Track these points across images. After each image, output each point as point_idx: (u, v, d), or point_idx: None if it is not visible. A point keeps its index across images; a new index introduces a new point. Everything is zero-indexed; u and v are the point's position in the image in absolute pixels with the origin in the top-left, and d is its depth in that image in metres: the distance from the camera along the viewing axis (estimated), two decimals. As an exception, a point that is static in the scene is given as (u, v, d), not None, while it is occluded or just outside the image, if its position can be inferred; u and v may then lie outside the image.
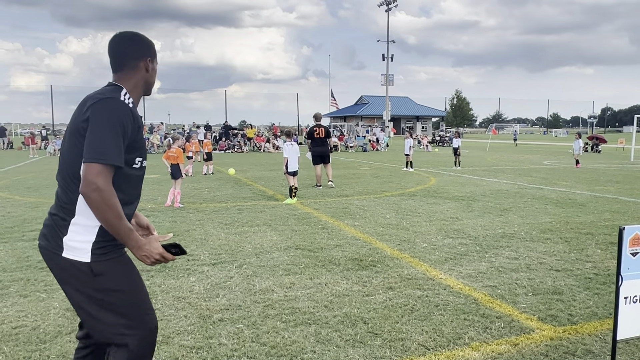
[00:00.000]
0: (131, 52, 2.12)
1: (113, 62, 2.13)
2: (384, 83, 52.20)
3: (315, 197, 10.26)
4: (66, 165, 2.03)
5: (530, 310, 3.93)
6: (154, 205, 9.06)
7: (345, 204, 9.26)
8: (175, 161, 9.06)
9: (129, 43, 2.13)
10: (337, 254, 5.63)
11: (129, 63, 2.11)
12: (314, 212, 8.44)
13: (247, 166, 18.74)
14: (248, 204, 9.31)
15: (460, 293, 4.31)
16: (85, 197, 1.89)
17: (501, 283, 4.58)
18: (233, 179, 13.90)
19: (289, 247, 5.96)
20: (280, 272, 4.94)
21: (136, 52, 2.13)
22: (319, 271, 4.97)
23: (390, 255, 5.57)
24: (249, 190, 11.29)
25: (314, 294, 4.30)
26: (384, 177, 14.53)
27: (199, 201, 9.64)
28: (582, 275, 4.81)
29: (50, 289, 4.44)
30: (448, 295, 4.24)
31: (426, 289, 4.43)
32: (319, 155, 11.71)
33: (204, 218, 7.82)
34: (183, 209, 8.64)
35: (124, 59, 2.11)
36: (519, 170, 16.92)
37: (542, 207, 8.93)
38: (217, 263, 5.26)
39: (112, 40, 2.14)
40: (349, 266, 5.14)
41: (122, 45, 2.12)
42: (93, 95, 2.02)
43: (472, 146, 39.24)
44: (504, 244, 6.12)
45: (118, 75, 2.13)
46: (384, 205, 9.10)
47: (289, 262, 5.28)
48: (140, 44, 2.15)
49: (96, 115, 1.92)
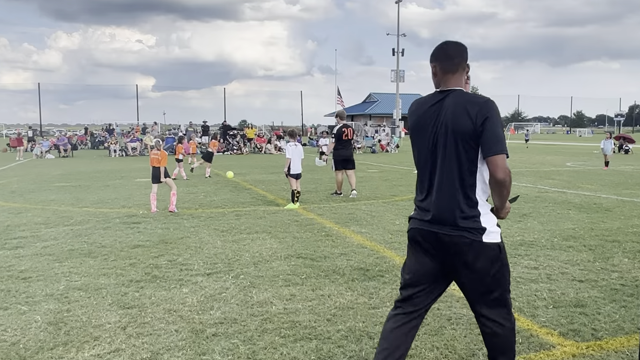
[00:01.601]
0: (466, 57, 2.69)
1: (449, 64, 2.65)
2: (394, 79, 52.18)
3: (319, 202, 10.23)
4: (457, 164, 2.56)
5: (551, 324, 3.88)
6: (146, 211, 9.07)
7: (351, 209, 9.23)
8: (157, 164, 8.97)
9: (463, 49, 2.69)
10: (342, 263, 5.61)
11: (462, 65, 2.67)
12: (317, 218, 8.42)
13: (246, 169, 18.77)
14: (247, 209, 9.30)
15: (474, 305, 4.25)
16: (502, 182, 2.51)
17: (519, 295, 4.54)
18: (231, 182, 13.91)
19: (289, 255, 5.94)
20: (280, 282, 4.92)
21: (465, 56, 2.70)
22: (321, 282, 4.94)
23: (399, 265, 5.52)
24: (248, 195, 11.29)
25: (315, 306, 4.28)
26: (393, 180, 14.49)
27: (194, 206, 9.64)
28: (607, 287, 4.75)
29: (32, 300, 4.44)
30: (461, 308, 4.19)
31: (438, 301, 4.37)
32: (344, 160, 10.96)
33: (199, 225, 7.82)
34: (177, 215, 8.64)
35: (462, 62, 2.67)
36: (540, 172, 16.82)
37: (564, 212, 8.86)
38: (212, 273, 5.24)
39: (448, 45, 2.69)
40: (354, 276, 5.11)
41: (458, 50, 2.67)
42: (472, 100, 2.55)
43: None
44: (523, 252, 6.07)
45: (453, 76, 2.65)
46: (394, 211, 9.06)
47: (290, 272, 5.26)
48: (466, 51, 2.72)
49: (494, 115, 2.51)
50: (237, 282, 4.96)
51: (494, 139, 2.48)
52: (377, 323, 3.90)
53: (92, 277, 5.12)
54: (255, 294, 4.60)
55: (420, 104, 2.74)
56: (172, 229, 7.48)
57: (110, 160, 24.17)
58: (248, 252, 6.10)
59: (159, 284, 4.91)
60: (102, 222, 8.02)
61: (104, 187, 12.84)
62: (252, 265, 5.55)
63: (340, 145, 10.97)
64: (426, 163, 2.69)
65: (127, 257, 5.88)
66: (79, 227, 7.64)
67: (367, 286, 4.80)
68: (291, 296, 4.53)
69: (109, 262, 5.70)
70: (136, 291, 4.67)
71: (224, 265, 5.53)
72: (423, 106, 2.71)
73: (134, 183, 13.88)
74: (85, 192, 11.94)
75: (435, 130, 2.62)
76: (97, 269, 5.40)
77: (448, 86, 2.65)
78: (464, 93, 2.62)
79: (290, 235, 7.04)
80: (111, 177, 15.47)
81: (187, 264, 5.60)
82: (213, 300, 4.45)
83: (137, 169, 18.56)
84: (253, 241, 6.70)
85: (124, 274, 5.21)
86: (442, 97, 2.64)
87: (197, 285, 4.84)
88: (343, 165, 10.96)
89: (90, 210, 9.22)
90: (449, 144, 2.57)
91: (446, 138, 2.57)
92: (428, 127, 2.65)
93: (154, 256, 5.93)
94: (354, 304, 4.32)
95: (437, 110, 2.63)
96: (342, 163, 10.97)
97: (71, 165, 21.21)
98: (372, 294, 4.60)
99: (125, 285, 4.87)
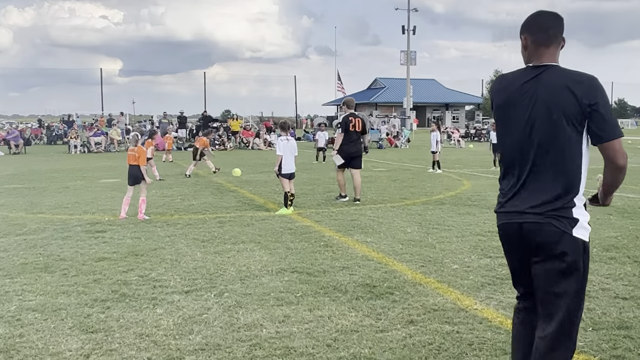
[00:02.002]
0: (562, 29, 2.80)
1: (543, 36, 2.76)
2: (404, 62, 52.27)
3: (316, 206, 10.25)
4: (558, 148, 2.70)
5: (591, 349, 3.89)
6: (112, 217, 9.06)
7: (354, 215, 9.24)
8: (135, 162, 9.01)
9: (559, 20, 2.80)
10: (344, 278, 5.61)
11: (558, 38, 2.78)
12: (314, 225, 8.43)
13: (230, 167, 18.73)
14: (232, 215, 9.31)
15: (500, 328, 4.27)
16: (622, 168, 2.76)
17: (553, 315, 4.54)
18: (213, 184, 13.92)
19: (282, 269, 5.94)
20: (272, 301, 4.92)
21: (562, 29, 2.81)
22: (320, 300, 4.94)
23: (411, 280, 5.54)
24: (233, 198, 11.29)
25: (313, 329, 4.28)
26: (404, 180, 14.52)
27: (169, 212, 9.64)
28: (656, 305, 4.77)
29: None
30: (485, 331, 4.21)
31: (457, 322, 4.39)
32: (350, 157, 10.67)
33: (175, 233, 7.82)
34: (149, 222, 8.64)
35: (558, 34, 2.78)
36: (576, 171, 16.80)
37: (604, 218, 8.87)
38: (191, 291, 5.24)
39: (541, 15, 2.81)
40: (358, 294, 5.11)
41: (554, 21, 2.79)
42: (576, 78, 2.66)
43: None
44: (557, 265, 6.07)
45: (547, 50, 2.76)
46: (404, 217, 9.08)
47: (283, 289, 5.26)
48: (562, 22, 2.82)
49: (604, 95, 2.67)
50: (220, 301, 4.95)
51: (609, 122, 2.65)
52: (385, 349, 3.91)
53: (49, 296, 5.11)
54: (242, 315, 4.60)
55: (509, 80, 2.89)
56: (144, 239, 7.47)
57: (70, 158, 24.16)
58: (233, 266, 6.10)
59: (129, 303, 4.89)
60: (61, 231, 8.01)
61: (63, 190, 12.83)
62: (238, 281, 5.55)
63: (349, 138, 10.63)
64: (519, 147, 2.80)
65: (90, 272, 5.87)
66: (34, 237, 7.63)
67: (374, 305, 4.81)
68: (284, 317, 4.52)
69: (69, 277, 5.69)
70: (101, 312, 4.66)
71: (205, 282, 5.53)
72: (514, 83, 2.82)
73: (98, 184, 13.88)
74: (41, 195, 11.93)
75: (530, 111, 2.74)
76: (55, 286, 5.39)
77: (542, 61, 2.77)
78: (563, 69, 2.74)
79: (282, 246, 7.04)
80: (71, 178, 15.47)
81: (161, 280, 5.59)
82: (192, 322, 4.44)
83: (102, 168, 18.56)
84: (239, 253, 6.70)
85: (87, 292, 5.20)
86: (537, 73, 2.75)
87: (174, 305, 4.83)
88: (347, 163, 10.68)
89: (47, 217, 9.21)
90: (549, 126, 2.69)
91: (546, 119, 2.70)
92: (521, 107, 2.77)
93: (123, 271, 5.92)
94: (359, 327, 4.32)
95: (533, 87, 2.74)
96: (347, 161, 10.67)
97: (24, 163, 21.20)
98: (380, 314, 4.60)
99: (89, 305, 4.86)
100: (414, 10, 51.31)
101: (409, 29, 50.77)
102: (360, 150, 10.91)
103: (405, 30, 50.77)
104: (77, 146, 28.07)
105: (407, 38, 50.87)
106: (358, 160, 10.81)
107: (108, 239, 7.46)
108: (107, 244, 7.17)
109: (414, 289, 5.26)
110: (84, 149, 28.24)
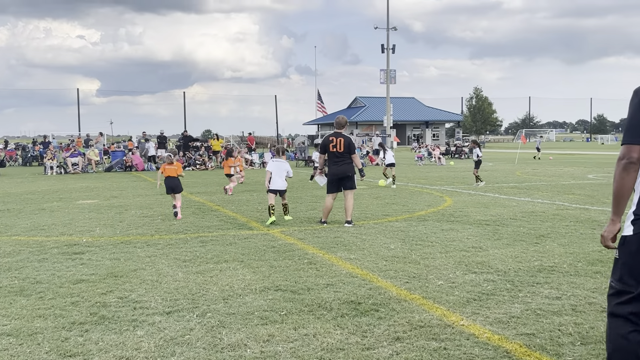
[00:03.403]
0: None
1: None
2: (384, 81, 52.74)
3: (299, 224, 10.20)
4: None
5: (579, 363, 3.88)
6: (90, 238, 8.92)
7: (337, 232, 9.22)
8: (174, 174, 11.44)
9: None
10: (329, 295, 5.57)
11: None
12: (298, 242, 8.38)
13: (212, 187, 18.67)
14: (214, 234, 9.23)
15: (488, 344, 4.26)
16: None
17: (540, 330, 4.55)
18: (194, 203, 13.80)
19: (266, 288, 5.89)
20: (255, 320, 4.87)
21: None
22: (305, 318, 4.90)
23: (396, 297, 5.52)
24: (215, 218, 11.21)
25: (298, 348, 4.23)
26: (385, 198, 14.55)
27: (149, 232, 9.53)
28: (642, 317, 4.79)
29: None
30: (472, 347, 4.19)
31: (444, 339, 4.37)
32: (339, 178, 10.11)
33: (155, 253, 7.72)
34: (128, 243, 8.52)
35: None
36: (558, 186, 17.05)
37: (588, 232, 8.96)
38: (172, 311, 5.16)
39: None
40: (343, 311, 5.08)
41: None
42: None
43: (497, 158, 39.60)
44: (542, 279, 6.10)
45: None
46: (387, 233, 9.08)
47: (267, 308, 5.20)
48: None
49: None
50: (203, 321, 4.88)
51: None
52: (373, 367, 3.86)
53: (24, 320, 4.99)
54: (226, 335, 4.53)
55: None
56: (123, 260, 7.36)
57: (46, 179, 23.83)
58: (216, 285, 6.03)
59: (108, 326, 4.80)
60: (37, 253, 7.86)
61: (39, 211, 12.62)
62: (221, 300, 5.48)
63: (331, 159, 10.15)
64: None
65: (68, 295, 5.75)
66: (8, 260, 7.47)
67: (360, 323, 4.77)
68: (269, 337, 4.47)
69: (46, 301, 5.57)
70: (80, 335, 4.56)
71: (187, 302, 5.45)
72: None
73: (75, 205, 13.68)
74: (16, 217, 11.72)
75: None
76: (31, 310, 5.27)
77: None
78: None
79: (266, 264, 6.98)
80: (47, 199, 15.24)
81: (141, 301, 5.51)
82: (174, 344, 4.36)
83: (79, 189, 18.32)
84: (222, 272, 6.63)
85: (64, 315, 5.09)
86: None
87: (155, 327, 4.75)
88: (338, 185, 10.17)
89: (22, 239, 9.04)
90: None
91: None
92: None
93: (101, 293, 5.82)
94: (345, 345, 4.28)
95: None
96: (336, 183, 10.18)
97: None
98: (366, 331, 4.57)
99: (67, 328, 4.75)
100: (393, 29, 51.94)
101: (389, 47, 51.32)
102: (350, 170, 10.11)
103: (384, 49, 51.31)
104: (53, 167, 27.72)
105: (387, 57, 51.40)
106: (349, 181, 10.11)
107: (86, 261, 7.33)
108: (85, 266, 7.05)
109: (399, 306, 5.23)
110: (60, 170, 27.89)
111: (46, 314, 5.15)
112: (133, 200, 14.62)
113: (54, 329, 4.73)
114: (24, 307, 5.37)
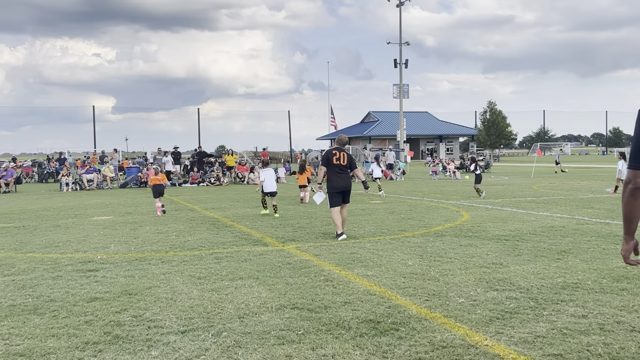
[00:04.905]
0: None
1: None
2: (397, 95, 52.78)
3: (314, 239, 10.10)
4: None
5: (611, 386, 3.72)
6: (105, 255, 8.88)
7: (354, 248, 9.10)
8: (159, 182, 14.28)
9: None
10: (347, 314, 5.46)
11: None
12: (313, 259, 8.28)
13: (227, 202, 18.64)
14: (228, 250, 9.15)
15: (514, 365, 4.10)
16: None
17: (568, 350, 4.41)
18: (209, 219, 13.75)
19: (282, 306, 5.79)
20: (272, 340, 4.77)
21: None
22: (323, 338, 4.79)
23: (416, 315, 5.38)
24: (230, 234, 11.14)
25: (317, 370, 4.10)
26: (401, 212, 14.42)
27: (164, 249, 9.47)
28: (674, 337, 4.62)
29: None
30: (498, 368, 4.04)
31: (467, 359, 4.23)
32: (343, 192, 10.43)
33: (170, 271, 7.65)
34: (143, 260, 8.46)
35: None
36: (576, 200, 16.82)
37: (611, 247, 8.77)
38: (187, 330, 5.08)
39: None
40: (362, 331, 4.97)
41: None
42: None
43: (512, 172, 39.30)
44: (567, 297, 5.94)
45: None
46: (404, 249, 8.95)
47: (283, 327, 5.10)
48: None
49: None
50: (218, 341, 4.79)
51: None
52: (395, 390, 3.72)
53: (37, 339, 4.92)
54: (242, 355, 4.44)
55: None
56: (138, 277, 7.30)
57: (61, 196, 23.96)
58: (231, 303, 5.94)
59: (122, 345, 4.72)
60: (51, 271, 7.82)
61: (54, 228, 12.64)
62: (236, 319, 5.39)
63: (333, 173, 10.43)
64: None
65: (81, 313, 5.69)
66: (23, 277, 7.44)
67: (379, 343, 4.65)
68: (286, 357, 4.38)
69: (60, 319, 5.50)
70: (93, 356, 4.49)
71: (202, 321, 5.36)
72: None
73: (90, 222, 13.69)
74: (31, 234, 11.74)
75: None
76: (44, 329, 5.20)
77: None
78: None
79: (282, 281, 6.88)
80: (62, 216, 15.28)
81: (156, 320, 5.43)
82: (189, 365, 4.26)
83: (94, 205, 18.37)
84: (237, 289, 6.53)
85: (77, 335, 5.02)
86: None
87: (170, 347, 4.67)
88: (342, 197, 10.43)
89: (37, 257, 9.02)
90: None
91: None
92: None
93: (116, 311, 5.74)
94: (365, 366, 4.15)
95: None
96: (338, 196, 10.40)
97: (14, 202, 20.99)
98: (386, 352, 4.45)
99: (80, 348, 4.68)
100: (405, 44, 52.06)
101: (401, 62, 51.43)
102: (350, 185, 10.65)
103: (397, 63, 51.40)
104: (68, 184, 27.89)
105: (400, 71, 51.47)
106: (349, 195, 10.59)
107: (100, 278, 7.27)
108: (100, 283, 6.98)
109: (420, 325, 5.09)
110: (76, 187, 28.06)
111: (59, 333, 5.08)
112: (147, 216, 14.62)
113: (67, 349, 4.65)
114: (38, 326, 5.31)
